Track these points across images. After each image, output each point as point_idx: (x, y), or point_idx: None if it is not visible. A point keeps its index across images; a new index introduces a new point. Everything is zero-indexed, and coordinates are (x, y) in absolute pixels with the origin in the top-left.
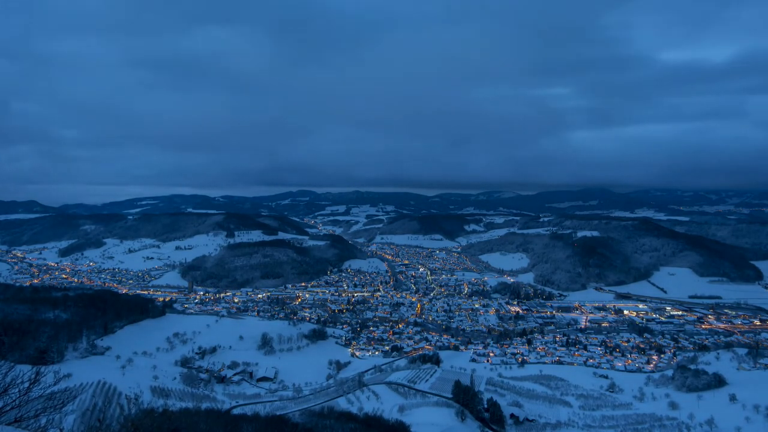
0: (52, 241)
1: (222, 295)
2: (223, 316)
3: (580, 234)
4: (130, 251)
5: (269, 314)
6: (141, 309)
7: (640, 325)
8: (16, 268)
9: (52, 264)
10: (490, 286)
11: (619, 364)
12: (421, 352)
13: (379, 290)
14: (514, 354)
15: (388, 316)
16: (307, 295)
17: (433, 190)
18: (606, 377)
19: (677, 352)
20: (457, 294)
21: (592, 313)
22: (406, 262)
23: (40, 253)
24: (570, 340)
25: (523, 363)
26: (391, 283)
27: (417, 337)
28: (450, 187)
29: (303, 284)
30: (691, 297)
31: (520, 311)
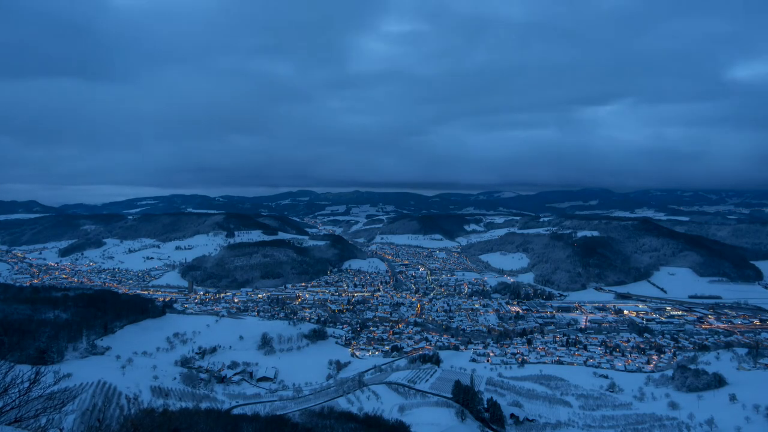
0: (52, 241)
1: (222, 295)
2: (223, 316)
3: (580, 234)
4: (130, 251)
5: (269, 314)
6: (141, 309)
7: (640, 325)
8: (16, 268)
9: (52, 264)
10: (490, 286)
11: (619, 364)
12: (421, 352)
13: (379, 290)
14: (514, 354)
15: (388, 316)
16: (307, 295)
17: (433, 190)
18: (606, 377)
19: (677, 352)
20: (457, 294)
21: (592, 313)
22: (406, 262)
23: (40, 253)
24: (570, 340)
25: (523, 363)
26: (391, 283)
27: (417, 337)
28: (450, 187)
29: (303, 284)
30: (691, 297)
31: (520, 311)
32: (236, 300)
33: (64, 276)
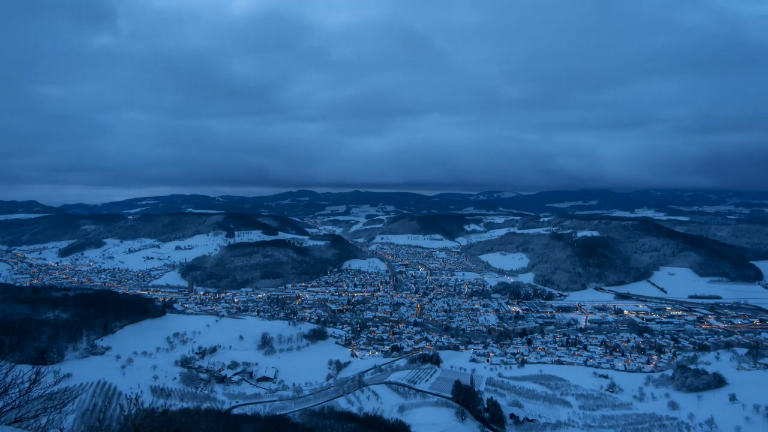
0: (52, 241)
1: (222, 295)
2: (223, 316)
3: (580, 234)
4: (130, 251)
5: (269, 314)
6: (141, 309)
7: (640, 325)
8: (16, 268)
9: (52, 264)
10: (490, 286)
11: (619, 364)
12: (421, 352)
13: (379, 290)
14: (514, 354)
15: (388, 316)
16: (307, 295)
17: (433, 190)
18: (606, 377)
19: (677, 352)
20: (457, 294)
21: (592, 313)
22: (406, 262)
23: (40, 253)
24: (570, 340)
25: (523, 363)
26: (391, 283)
27: (417, 337)
28: (450, 187)
29: (303, 284)
30: (691, 297)
31: (520, 311)
32: (236, 300)
33: (64, 276)
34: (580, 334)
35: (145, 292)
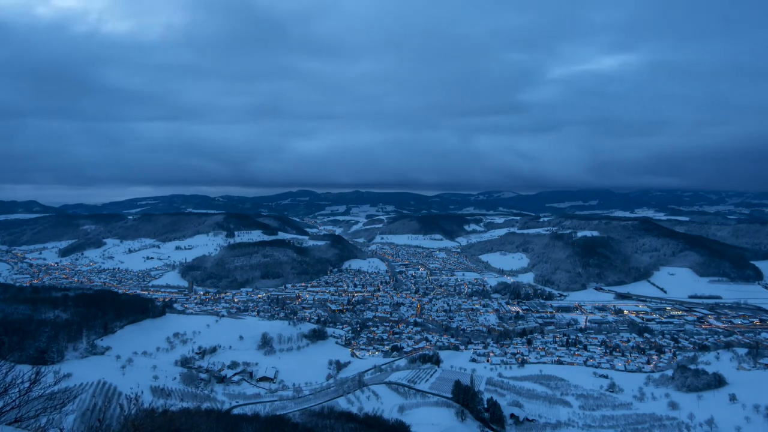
0: (52, 241)
1: (222, 295)
2: (223, 316)
3: (580, 234)
4: (130, 251)
5: (269, 314)
6: (141, 309)
7: (640, 325)
8: (16, 268)
9: (52, 264)
10: (490, 286)
11: (619, 364)
12: (421, 352)
13: (379, 290)
14: (514, 354)
15: (388, 316)
16: (307, 295)
17: (433, 190)
18: (606, 377)
19: (677, 352)
20: (457, 294)
21: (592, 313)
22: (406, 262)
23: (40, 253)
24: (570, 340)
25: (523, 363)
26: (391, 283)
27: (417, 337)
28: (450, 187)
29: (303, 284)
30: (691, 297)
31: (520, 311)
32: (236, 300)
33: (64, 276)
34: (580, 334)
35: (145, 292)
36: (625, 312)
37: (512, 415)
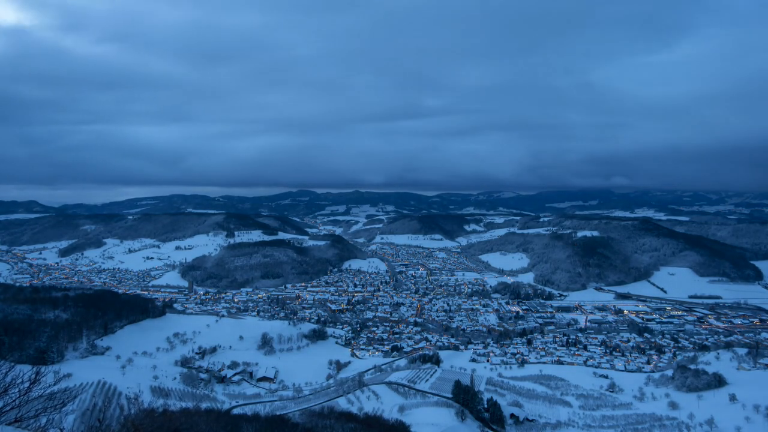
0: (52, 241)
1: (222, 295)
2: (223, 316)
3: (580, 234)
4: (130, 251)
5: (269, 314)
6: (141, 309)
7: (640, 325)
8: (16, 268)
9: (52, 264)
10: (490, 286)
11: (619, 364)
12: (421, 352)
13: (379, 290)
14: (514, 354)
15: (388, 316)
16: (307, 295)
17: (433, 190)
18: (606, 377)
19: (677, 352)
20: (457, 294)
21: (592, 313)
22: (406, 262)
23: (40, 253)
24: (570, 340)
25: (523, 363)
26: (391, 283)
27: (417, 337)
28: (450, 187)
29: (303, 284)
30: (691, 297)
31: (520, 311)
32: (236, 300)
33: (64, 276)
34: (580, 334)
35: (145, 292)
36: (625, 312)
37: (512, 415)
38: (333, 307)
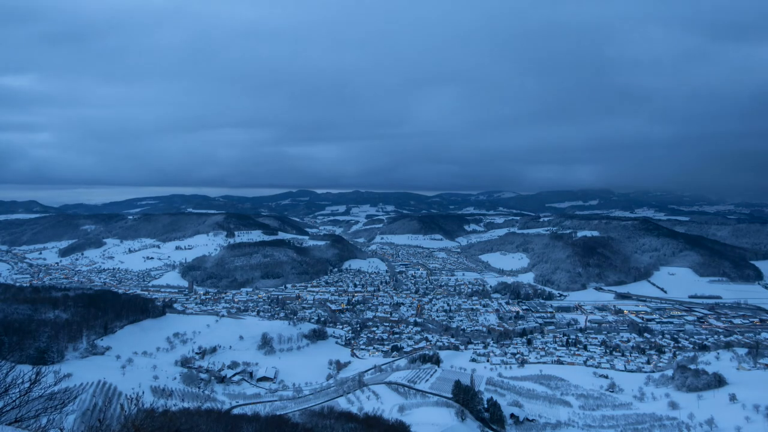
0: (52, 241)
1: (222, 295)
2: (223, 316)
3: (580, 234)
4: (130, 251)
5: (269, 314)
6: (141, 309)
7: (640, 325)
8: (16, 268)
9: (52, 264)
10: (490, 286)
11: (619, 364)
12: (421, 352)
13: (379, 290)
14: (514, 354)
15: (388, 316)
16: (307, 295)
17: (433, 190)
18: (606, 377)
19: (677, 352)
20: (457, 294)
21: (592, 312)
22: (406, 262)
23: (40, 253)
24: (570, 340)
25: (523, 363)
26: (391, 283)
27: (417, 337)
28: (450, 187)
29: (303, 284)
30: (691, 297)
31: (520, 311)
32: (236, 300)
33: (64, 276)
34: (580, 334)
35: (145, 292)
36: (625, 312)
37: (512, 415)
38: (333, 307)
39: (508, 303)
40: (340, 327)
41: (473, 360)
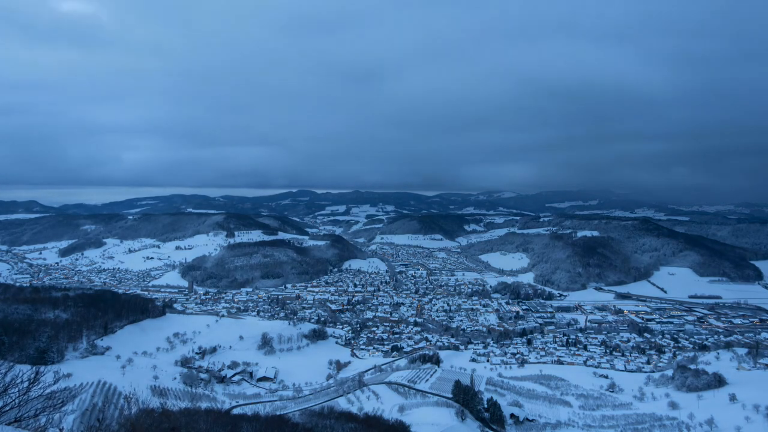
0: (52, 241)
1: (222, 295)
2: (223, 316)
3: (580, 234)
4: (130, 251)
5: (269, 314)
6: (141, 309)
7: (640, 325)
8: (16, 268)
9: (52, 264)
10: (490, 286)
11: (619, 364)
12: (421, 352)
13: (379, 290)
14: (514, 354)
15: (388, 316)
16: (307, 295)
17: (433, 190)
18: (606, 377)
19: (677, 352)
20: (457, 294)
21: (592, 312)
22: (406, 262)
23: (40, 253)
24: (570, 340)
25: (523, 363)
26: (391, 283)
27: (417, 337)
28: (450, 187)
29: (303, 284)
30: (691, 297)
31: (520, 311)
32: (236, 300)
33: (64, 276)
34: (580, 334)
35: (145, 292)
36: (625, 312)
37: (512, 415)
38: (333, 307)
39: (508, 303)
40: (340, 327)
41: (473, 360)
